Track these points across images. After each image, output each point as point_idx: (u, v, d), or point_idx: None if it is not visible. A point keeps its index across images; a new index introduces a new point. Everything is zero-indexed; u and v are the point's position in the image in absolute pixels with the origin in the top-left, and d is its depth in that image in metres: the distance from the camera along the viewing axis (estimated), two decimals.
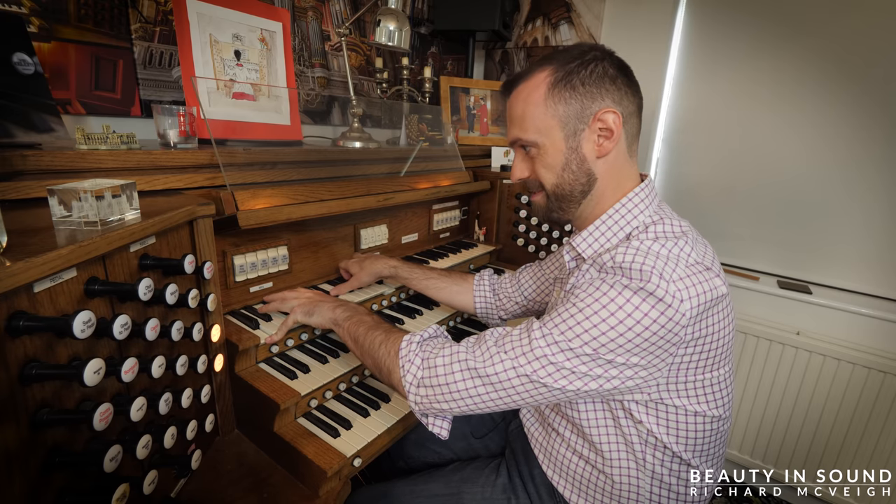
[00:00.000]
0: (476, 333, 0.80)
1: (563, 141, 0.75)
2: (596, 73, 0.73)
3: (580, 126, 0.74)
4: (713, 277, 0.67)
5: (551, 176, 0.78)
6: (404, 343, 0.80)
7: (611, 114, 0.73)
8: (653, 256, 0.66)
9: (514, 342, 0.71)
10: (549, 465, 0.88)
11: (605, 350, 0.65)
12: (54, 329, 0.50)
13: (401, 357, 0.78)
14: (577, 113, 0.74)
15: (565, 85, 0.73)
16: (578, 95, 0.73)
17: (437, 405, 0.75)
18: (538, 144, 0.77)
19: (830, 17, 1.48)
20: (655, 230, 0.72)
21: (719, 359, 0.73)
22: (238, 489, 0.78)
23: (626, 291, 0.64)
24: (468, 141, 1.83)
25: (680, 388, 0.73)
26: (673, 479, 0.78)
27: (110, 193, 0.60)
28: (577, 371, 0.67)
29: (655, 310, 0.63)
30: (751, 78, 1.64)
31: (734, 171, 1.73)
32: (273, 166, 1.02)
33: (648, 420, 0.74)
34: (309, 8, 1.47)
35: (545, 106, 0.74)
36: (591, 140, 0.75)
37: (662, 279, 0.63)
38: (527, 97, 0.76)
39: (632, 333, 0.63)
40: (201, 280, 0.79)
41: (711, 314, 0.68)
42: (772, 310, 1.64)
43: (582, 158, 0.76)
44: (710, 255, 0.73)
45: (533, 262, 1.15)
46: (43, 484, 0.50)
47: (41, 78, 0.80)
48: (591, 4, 1.87)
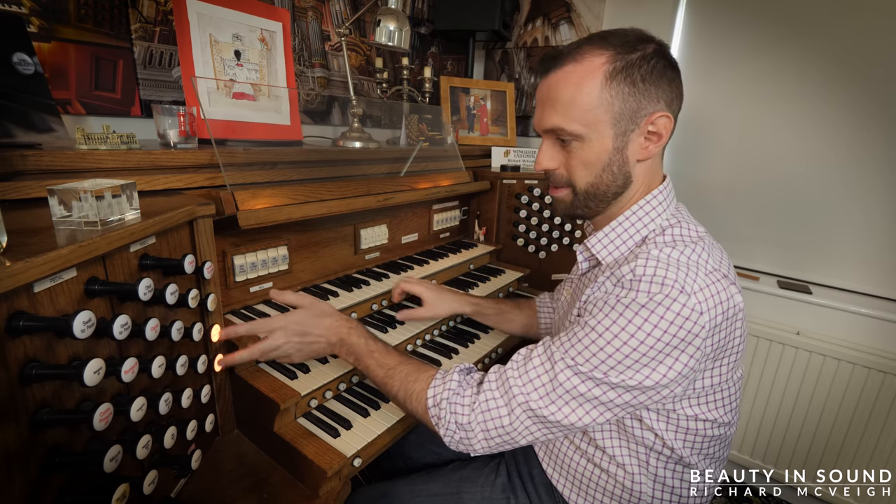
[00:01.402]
0: (472, 332, 0.79)
1: (611, 140, 0.69)
2: (657, 70, 0.67)
3: (631, 126, 0.69)
4: (730, 286, 0.65)
5: (587, 174, 0.72)
6: (431, 407, 0.76)
7: (664, 118, 0.68)
8: (674, 267, 0.63)
9: (538, 376, 0.69)
10: (550, 464, 0.88)
11: (629, 373, 0.63)
12: (54, 329, 0.50)
13: (431, 411, 0.76)
14: (633, 112, 0.68)
15: (625, 78, 0.66)
16: (637, 93, 0.67)
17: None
18: (582, 138, 0.69)
19: (831, 17, 1.48)
20: (673, 233, 0.70)
21: (732, 371, 0.72)
22: (238, 489, 0.78)
23: (644, 311, 0.62)
24: (468, 141, 1.83)
25: (692, 399, 0.72)
26: (676, 482, 0.78)
27: (110, 193, 0.60)
28: (601, 398, 0.66)
29: (675, 324, 0.61)
30: (751, 78, 1.64)
31: (734, 171, 1.73)
32: (273, 166, 1.02)
33: (658, 426, 0.73)
34: (309, 8, 1.47)
35: (600, 97, 0.67)
36: (638, 142, 0.70)
37: (683, 292, 0.61)
38: (579, 81, 0.67)
39: (654, 351, 0.62)
40: (201, 280, 0.79)
41: (730, 325, 0.66)
42: (772, 310, 1.64)
43: (625, 160, 0.71)
44: (726, 262, 0.71)
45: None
46: (43, 484, 0.50)
47: (41, 78, 0.80)
48: (591, 4, 1.87)
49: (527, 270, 1.55)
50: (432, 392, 0.76)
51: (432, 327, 1.16)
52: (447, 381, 0.76)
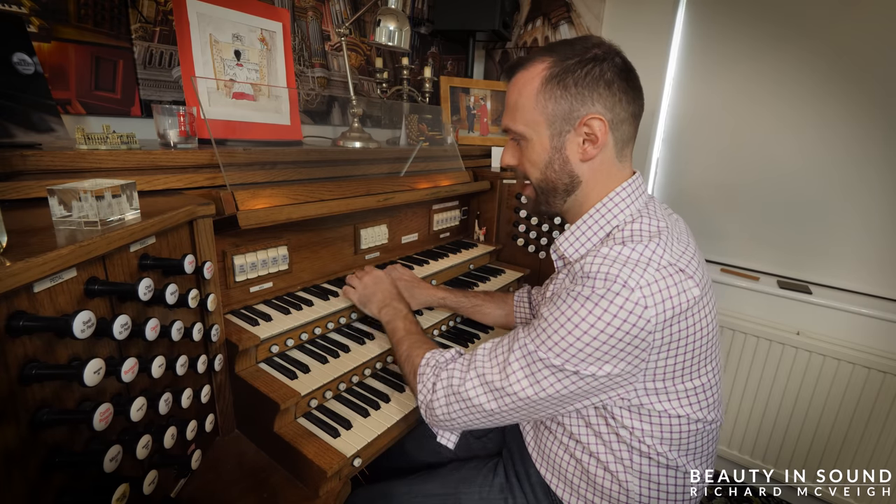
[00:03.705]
0: (472, 332, 0.80)
1: (548, 139, 0.76)
2: (591, 76, 0.71)
3: (566, 127, 0.74)
4: (685, 280, 0.66)
5: (535, 171, 0.79)
6: (421, 366, 0.85)
7: (597, 120, 0.72)
8: (620, 263, 0.66)
9: (491, 360, 0.76)
10: (543, 465, 0.88)
11: (574, 361, 0.67)
12: (54, 329, 0.50)
13: (418, 375, 0.85)
14: (565, 114, 0.73)
15: (558, 83, 0.72)
16: (569, 96, 0.72)
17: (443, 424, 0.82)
18: (525, 137, 0.77)
19: (830, 17, 1.48)
20: (632, 228, 0.72)
21: (697, 366, 0.72)
22: (238, 489, 0.78)
23: (588, 303, 0.65)
24: (468, 141, 1.83)
25: (660, 394, 0.72)
26: (662, 479, 0.78)
27: (110, 193, 0.60)
28: (544, 382, 0.70)
29: (618, 318, 0.63)
30: (751, 78, 1.64)
31: (734, 172, 1.73)
32: (273, 166, 1.02)
33: (632, 423, 0.75)
34: (309, 8, 1.47)
35: (535, 101, 0.74)
36: (576, 143, 0.75)
37: (626, 287, 0.64)
38: (522, 87, 0.76)
39: (598, 342, 0.65)
40: (201, 280, 0.79)
41: (682, 319, 0.67)
42: (772, 310, 1.64)
43: (565, 160, 0.76)
44: (689, 254, 0.71)
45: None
46: (43, 484, 0.50)
47: (41, 78, 0.80)
48: (591, 4, 1.87)
49: (527, 270, 1.55)
50: (428, 356, 0.86)
51: (432, 327, 1.16)
52: (443, 353, 0.86)
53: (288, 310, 0.99)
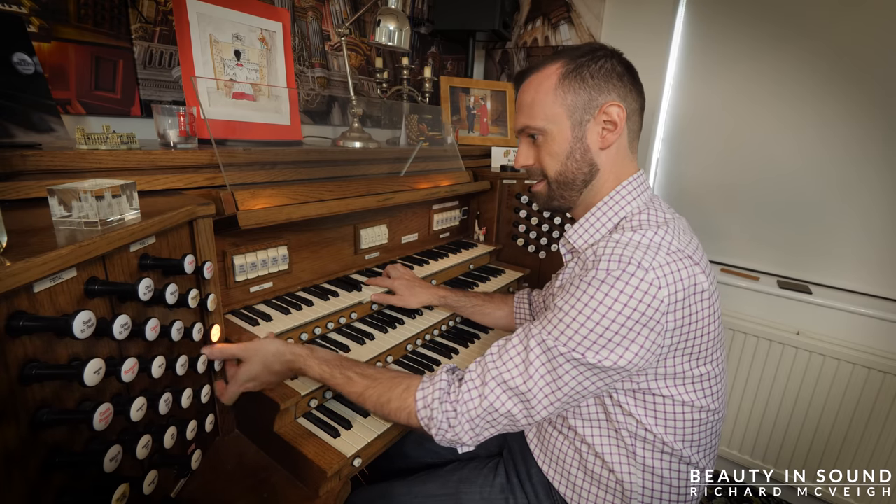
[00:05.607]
0: (472, 332, 0.80)
1: (569, 129, 0.79)
2: (605, 69, 0.77)
3: (586, 116, 0.78)
4: (693, 266, 0.69)
5: (555, 163, 0.81)
6: (421, 411, 0.76)
7: (616, 107, 0.77)
8: (633, 247, 0.68)
9: (506, 362, 0.73)
10: (546, 462, 0.88)
11: (595, 349, 0.67)
12: (54, 329, 0.50)
13: (421, 419, 0.76)
14: (585, 104, 0.77)
15: (575, 76, 0.77)
16: (587, 87, 0.77)
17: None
18: (545, 131, 0.80)
19: (830, 17, 1.48)
20: (640, 218, 0.76)
21: (705, 354, 0.74)
22: (238, 489, 0.78)
23: (604, 286, 0.67)
24: (468, 141, 1.83)
25: (668, 379, 0.74)
26: (666, 472, 0.78)
27: (110, 193, 0.60)
28: (567, 377, 0.69)
29: (634, 298, 0.65)
30: (751, 78, 1.64)
31: (734, 172, 1.73)
32: (273, 166, 1.02)
33: (637, 411, 0.76)
34: (309, 8, 1.47)
35: (555, 95, 0.78)
36: (596, 131, 0.79)
37: (640, 268, 0.66)
38: (538, 86, 0.80)
39: (616, 325, 0.66)
40: (201, 280, 0.79)
41: (692, 303, 0.69)
42: (772, 310, 1.64)
43: (585, 148, 0.80)
44: (695, 245, 0.75)
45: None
46: (43, 484, 0.50)
47: (41, 78, 0.80)
48: (591, 4, 1.87)
49: (527, 270, 1.55)
50: (421, 395, 0.76)
51: (432, 327, 1.16)
52: (436, 382, 0.77)
53: (288, 310, 0.99)
